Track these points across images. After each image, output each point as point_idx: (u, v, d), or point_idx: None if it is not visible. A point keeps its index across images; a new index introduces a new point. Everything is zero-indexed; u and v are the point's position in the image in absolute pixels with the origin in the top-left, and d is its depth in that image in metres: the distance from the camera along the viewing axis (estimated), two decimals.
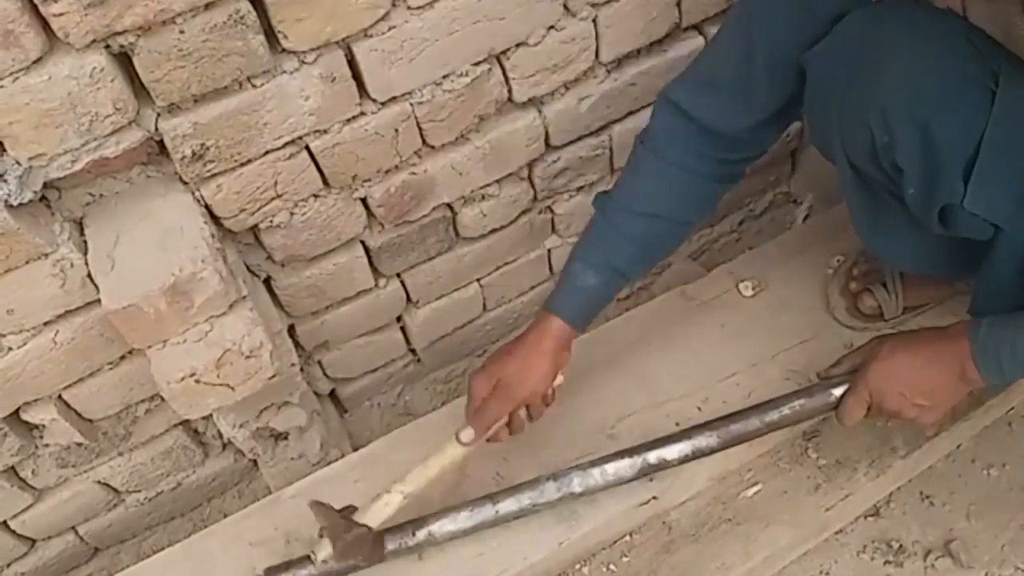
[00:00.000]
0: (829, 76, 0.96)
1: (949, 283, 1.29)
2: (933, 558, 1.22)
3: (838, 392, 1.07)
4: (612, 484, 1.11)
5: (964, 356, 0.97)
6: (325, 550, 1.04)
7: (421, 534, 1.11)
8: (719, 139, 1.09)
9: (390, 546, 1.10)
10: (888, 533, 1.26)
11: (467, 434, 1.06)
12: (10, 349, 1.09)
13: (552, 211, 1.47)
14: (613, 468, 1.11)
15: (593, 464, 1.11)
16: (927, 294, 1.30)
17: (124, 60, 0.95)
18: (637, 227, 1.10)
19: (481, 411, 1.07)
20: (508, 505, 1.11)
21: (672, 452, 1.10)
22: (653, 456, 1.10)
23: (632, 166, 1.14)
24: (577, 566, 1.20)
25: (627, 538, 1.21)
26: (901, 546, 1.24)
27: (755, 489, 1.24)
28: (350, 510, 1.08)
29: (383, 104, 1.14)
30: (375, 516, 1.06)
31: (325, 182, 1.19)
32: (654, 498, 1.18)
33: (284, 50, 1.02)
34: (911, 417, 1.03)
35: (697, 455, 1.10)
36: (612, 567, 1.19)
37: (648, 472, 1.11)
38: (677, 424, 1.22)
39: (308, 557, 1.07)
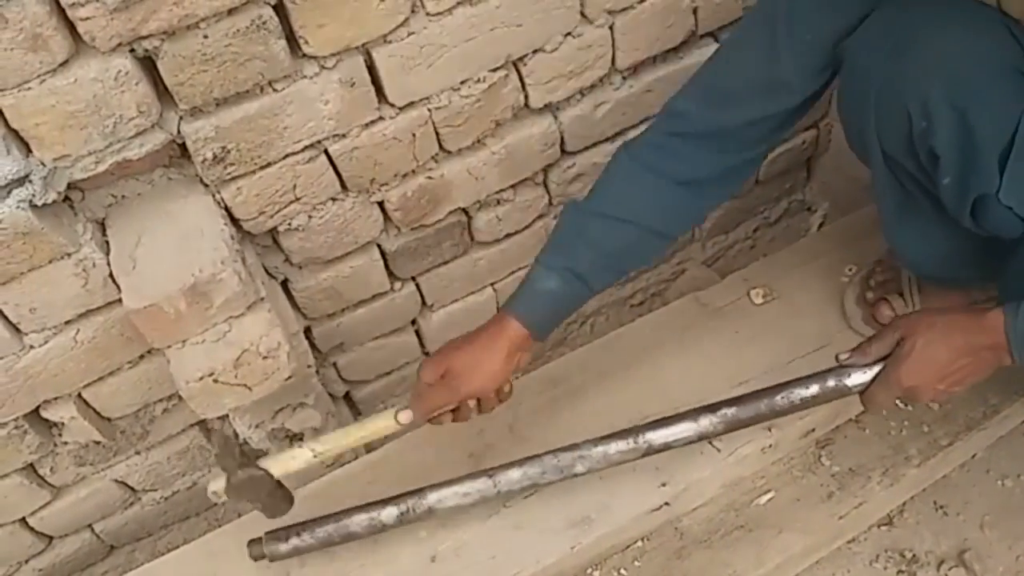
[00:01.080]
0: (867, 62, 0.96)
1: (965, 291, 1.29)
2: (946, 568, 1.21)
3: (857, 379, 1.02)
4: (614, 463, 1.09)
5: (1001, 346, 0.95)
6: (218, 483, 1.03)
7: (419, 506, 1.09)
8: (730, 139, 1.06)
9: (392, 510, 1.10)
10: (901, 542, 1.25)
11: (406, 416, 1.04)
12: (32, 347, 1.11)
13: None
14: (615, 447, 1.08)
15: (595, 443, 1.09)
16: (944, 303, 1.29)
17: (148, 64, 0.96)
18: (605, 232, 1.06)
19: (424, 397, 1.05)
20: (509, 477, 1.10)
21: (676, 432, 1.06)
22: (656, 436, 1.07)
23: (609, 172, 1.10)
24: (589, 570, 1.20)
25: (639, 543, 1.22)
26: (914, 556, 1.23)
27: (768, 496, 1.24)
28: (258, 454, 1.07)
29: (401, 109, 1.15)
30: (279, 465, 1.04)
31: (343, 186, 1.20)
32: (666, 504, 1.19)
33: (305, 55, 1.04)
34: (937, 399, 1.01)
35: (702, 437, 1.07)
36: (624, 571, 1.19)
37: (650, 452, 1.08)
38: None
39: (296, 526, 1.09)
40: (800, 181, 1.76)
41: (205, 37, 0.95)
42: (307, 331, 1.38)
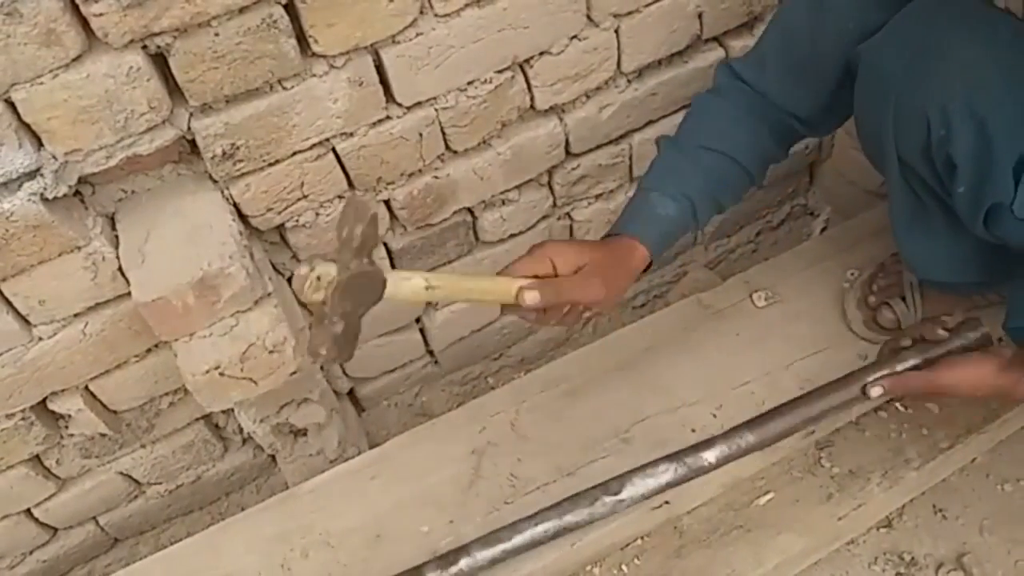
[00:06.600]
0: (887, 68, 0.97)
1: (967, 297, 1.29)
2: (945, 572, 1.21)
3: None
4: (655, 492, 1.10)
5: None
6: (326, 268, 0.81)
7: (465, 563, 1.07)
8: (779, 111, 1.10)
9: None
10: (900, 545, 1.25)
11: (532, 296, 0.90)
12: (40, 339, 1.12)
13: (571, 218, 1.49)
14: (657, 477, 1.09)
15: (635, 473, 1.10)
16: (945, 308, 1.30)
17: (160, 60, 0.98)
18: (709, 160, 1.08)
19: (559, 286, 0.92)
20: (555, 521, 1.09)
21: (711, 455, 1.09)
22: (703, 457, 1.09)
23: (698, 110, 1.14)
24: (588, 567, 1.20)
25: (639, 541, 1.22)
26: (913, 559, 1.24)
27: (767, 497, 1.24)
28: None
29: (408, 109, 1.17)
30: (391, 283, 0.86)
31: (350, 184, 1.21)
32: (666, 503, 1.19)
33: (314, 54, 1.05)
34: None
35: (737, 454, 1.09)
36: (624, 568, 1.20)
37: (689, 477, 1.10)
38: (693, 431, 1.23)
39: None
40: (803, 186, 1.77)
41: (216, 35, 0.96)
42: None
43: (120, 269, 1.07)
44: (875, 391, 1.06)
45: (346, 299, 0.83)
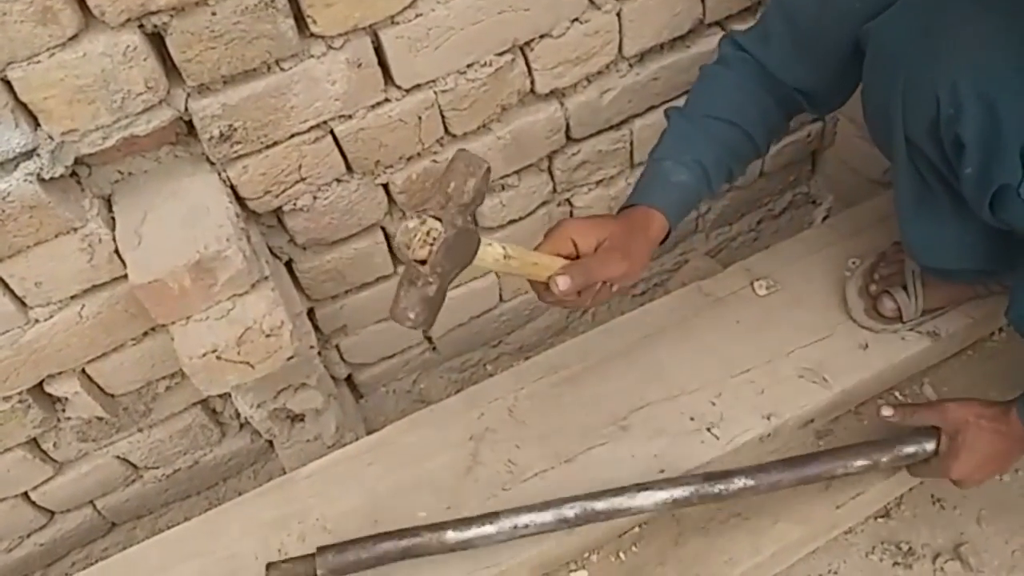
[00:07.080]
0: (897, 46, 0.96)
1: (970, 286, 1.29)
2: (942, 561, 1.21)
3: (907, 451, 1.14)
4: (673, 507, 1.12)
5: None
6: (435, 225, 0.81)
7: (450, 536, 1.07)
8: (784, 84, 1.11)
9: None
10: (898, 534, 1.26)
11: (564, 282, 0.93)
12: (37, 321, 1.12)
13: (571, 204, 1.48)
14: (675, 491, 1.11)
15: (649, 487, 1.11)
16: (946, 296, 1.30)
17: (157, 40, 0.97)
18: (717, 129, 1.10)
19: (586, 266, 0.95)
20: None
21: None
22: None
23: (705, 80, 1.15)
24: (586, 554, 1.20)
25: (636, 529, 1.22)
26: (911, 548, 1.24)
27: None
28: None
29: (407, 91, 1.16)
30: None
31: (348, 167, 1.20)
32: None
33: (312, 35, 1.04)
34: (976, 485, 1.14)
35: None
36: (621, 556, 1.20)
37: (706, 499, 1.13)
38: (692, 419, 1.23)
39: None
40: (805, 174, 1.76)
41: (213, 14, 0.95)
42: (310, 313, 1.38)
43: (116, 251, 1.07)
44: (886, 411, 1.15)
45: (448, 258, 0.82)
